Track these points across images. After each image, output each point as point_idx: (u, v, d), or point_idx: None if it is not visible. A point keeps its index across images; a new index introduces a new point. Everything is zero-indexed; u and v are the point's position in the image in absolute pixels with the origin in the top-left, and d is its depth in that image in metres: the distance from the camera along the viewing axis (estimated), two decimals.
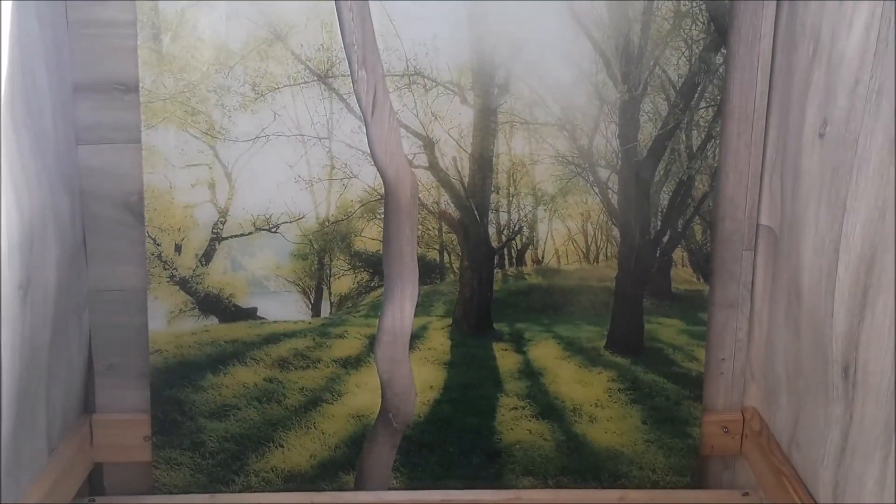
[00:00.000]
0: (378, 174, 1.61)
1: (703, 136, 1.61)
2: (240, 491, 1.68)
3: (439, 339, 1.70)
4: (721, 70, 1.58)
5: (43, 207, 1.41)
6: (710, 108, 1.60)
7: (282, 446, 1.68)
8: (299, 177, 1.61)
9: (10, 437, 1.31)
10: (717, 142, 1.61)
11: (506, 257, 1.68)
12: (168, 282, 1.63)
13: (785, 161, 1.50)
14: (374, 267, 1.67)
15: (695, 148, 1.62)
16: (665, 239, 1.66)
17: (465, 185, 1.63)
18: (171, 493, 1.67)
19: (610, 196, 1.64)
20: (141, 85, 1.55)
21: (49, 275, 1.45)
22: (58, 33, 1.50)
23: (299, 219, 1.63)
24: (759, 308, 1.65)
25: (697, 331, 1.68)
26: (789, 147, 1.47)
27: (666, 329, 1.69)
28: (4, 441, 1.29)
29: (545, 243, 1.68)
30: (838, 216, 1.25)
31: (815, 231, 1.34)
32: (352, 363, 1.69)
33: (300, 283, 1.67)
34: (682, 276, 1.67)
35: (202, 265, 1.64)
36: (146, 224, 1.60)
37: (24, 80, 1.34)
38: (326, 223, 1.64)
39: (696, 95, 1.60)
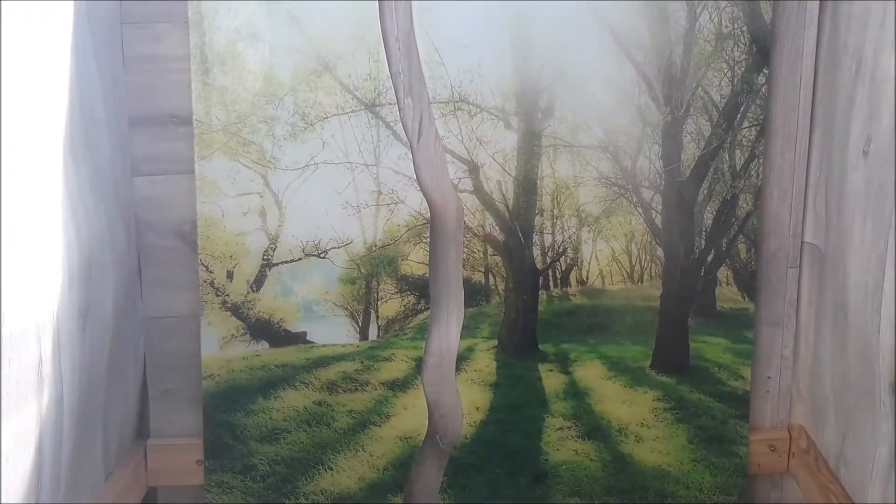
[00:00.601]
0: (424, 199, 1.63)
1: (746, 155, 1.63)
2: None
3: (485, 361, 1.71)
4: (763, 90, 1.59)
5: (101, 237, 1.45)
6: (752, 128, 1.61)
7: (331, 469, 1.70)
8: (347, 203, 1.64)
9: (69, 463, 1.34)
10: (761, 161, 1.62)
11: (550, 278, 1.70)
12: (220, 308, 1.66)
13: (829, 179, 1.50)
14: (421, 290, 1.69)
15: (738, 167, 1.63)
16: (709, 258, 1.67)
17: (510, 208, 1.65)
18: None
19: (654, 216, 1.66)
20: (194, 117, 1.58)
21: (106, 302, 1.48)
22: (114, 69, 1.54)
23: (347, 244, 1.66)
24: (805, 325, 1.65)
25: (743, 349, 1.68)
26: (833, 165, 1.48)
27: (711, 348, 1.69)
28: (64, 466, 1.32)
29: (589, 264, 1.69)
30: (884, 233, 1.25)
31: (861, 248, 1.34)
32: (399, 385, 1.70)
33: (348, 308, 1.70)
34: (727, 294, 1.68)
35: (253, 291, 1.67)
36: (199, 252, 1.63)
37: (82, 114, 1.38)
38: (374, 248, 1.66)
39: (739, 115, 1.61)
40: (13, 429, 1.14)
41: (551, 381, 1.71)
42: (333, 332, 1.70)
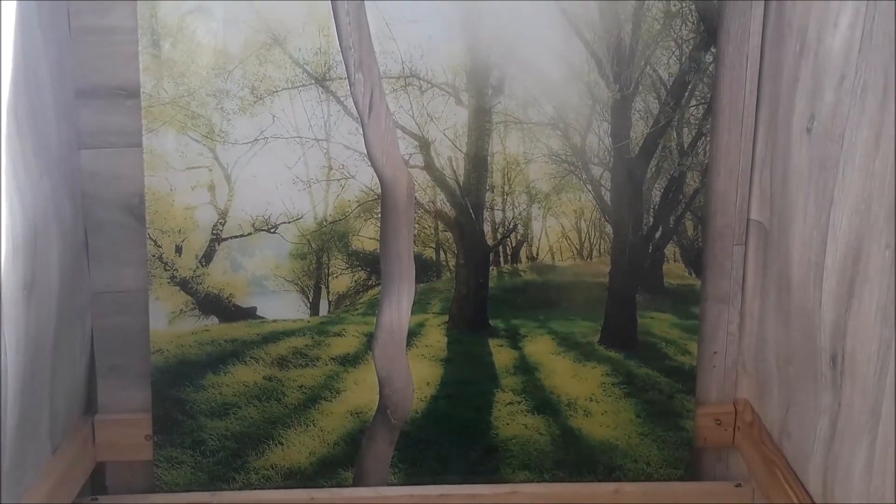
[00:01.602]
0: (375, 174, 1.63)
1: (693, 133, 1.64)
2: (240, 488, 1.69)
3: (436, 336, 1.72)
4: (711, 69, 1.61)
5: (46, 210, 1.43)
6: (700, 106, 1.63)
7: (281, 444, 1.70)
8: (297, 178, 1.63)
9: (13, 437, 1.33)
10: (708, 139, 1.64)
11: (501, 255, 1.71)
12: (169, 283, 1.65)
13: (774, 156, 1.52)
14: (372, 266, 1.69)
15: (686, 145, 1.65)
16: (657, 235, 1.69)
17: (461, 184, 1.66)
18: (172, 491, 1.69)
19: (603, 193, 1.67)
20: (142, 90, 1.57)
21: (52, 276, 1.47)
22: (60, 40, 1.52)
23: (298, 219, 1.65)
24: (750, 301, 1.67)
25: (690, 325, 1.71)
26: (778, 142, 1.50)
27: (659, 323, 1.71)
28: (8, 441, 1.31)
29: (539, 240, 1.70)
30: (826, 208, 1.28)
31: (804, 224, 1.36)
32: (350, 361, 1.71)
33: (299, 283, 1.69)
34: (675, 271, 1.70)
35: (202, 266, 1.66)
36: (147, 226, 1.62)
37: (27, 85, 1.36)
38: (324, 223, 1.66)
39: (687, 94, 1.63)
40: None
41: (501, 356, 1.72)
42: (284, 308, 1.70)
